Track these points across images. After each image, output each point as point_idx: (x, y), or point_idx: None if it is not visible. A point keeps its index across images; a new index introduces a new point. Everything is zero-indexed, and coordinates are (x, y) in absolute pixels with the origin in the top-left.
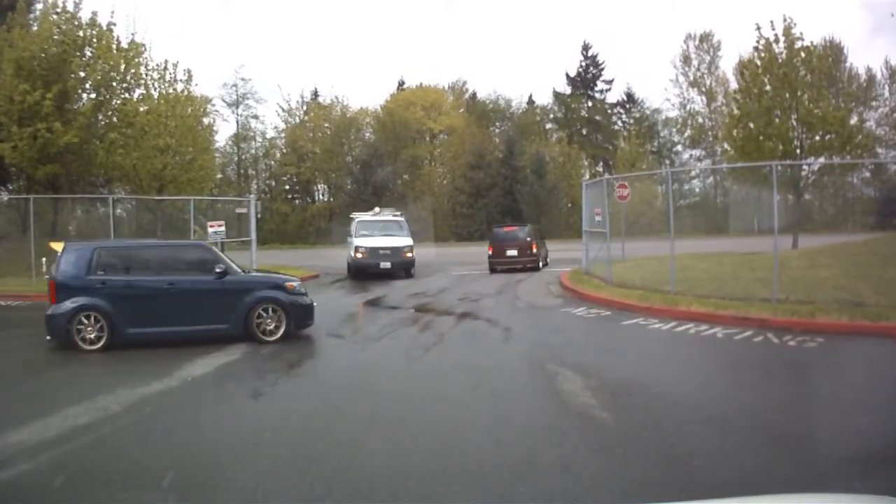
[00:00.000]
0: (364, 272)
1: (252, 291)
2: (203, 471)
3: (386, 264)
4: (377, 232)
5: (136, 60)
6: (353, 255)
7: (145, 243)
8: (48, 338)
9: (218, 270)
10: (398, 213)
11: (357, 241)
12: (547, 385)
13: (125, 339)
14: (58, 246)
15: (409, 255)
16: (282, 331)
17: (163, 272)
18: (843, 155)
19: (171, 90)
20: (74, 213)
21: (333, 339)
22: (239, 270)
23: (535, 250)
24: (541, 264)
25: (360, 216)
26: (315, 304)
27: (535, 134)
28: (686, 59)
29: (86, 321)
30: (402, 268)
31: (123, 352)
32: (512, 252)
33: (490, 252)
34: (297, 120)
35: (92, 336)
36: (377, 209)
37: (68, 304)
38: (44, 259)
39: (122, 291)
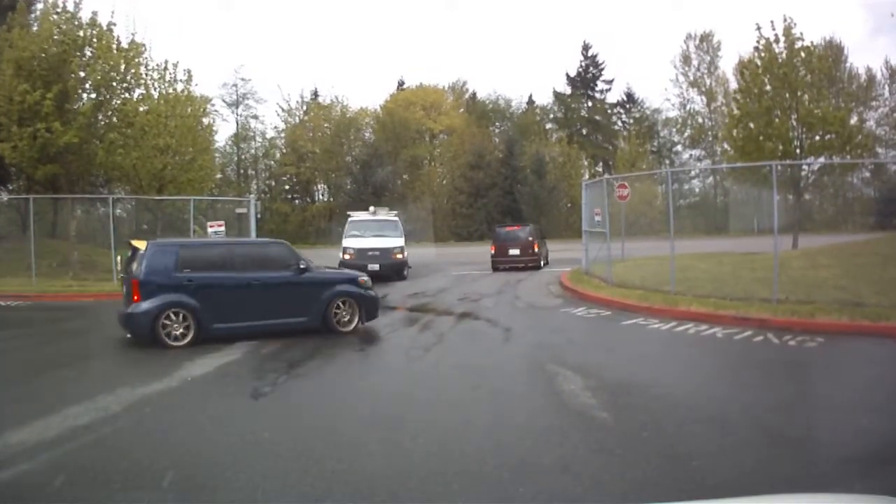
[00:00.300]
0: None
1: (330, 286)
2: (203, 471)
3: (374, 266)
4: (369, 232)
5: (136, 60)
6: (341, 256)
7: (228, 241)
8: (128, 336)
9: (302, 266)
10: (395, 212)
11: (345, 242)
12: (547, 385)
13: (211, 335)
14: (140, 244)
15: (400, 256)
16: (355, 322)
17: (246, 269)
18: (843, 155)
19: (170, 90)
20: (74, 213)
21: (334, 339)
22: (315, 267)
23: (536, 249)
24: (542, 263)
25: (355, 216)
26: (380, 297)
27: (535, 134)
28: (686, 60)
29: (172, 318)
30: (392, 270)
31: (124, 352)
32: (514, 251)
33: (493, 251)
34: (297, 120)
35: (178, 332)
36: (372, 208)
37: (154, 302)
38: (118, 257)
39: (208, 288)
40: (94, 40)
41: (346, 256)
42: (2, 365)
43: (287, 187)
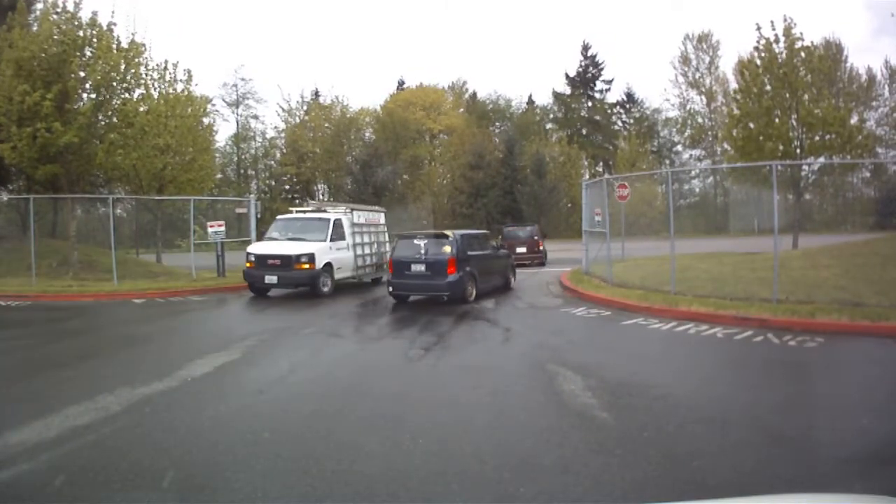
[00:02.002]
0: (256, 288)
1: (509, 258)
2: (203, 471)
3: (272, 278)
4: (289, 234)
5: (136, 60)
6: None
7: (473, 231)
8: (445, 298)
9: (500, 245)
10: (345, 208)
11: (251, 247)
12: (547, 385)
13: (479, 293)
14: (449, 233)
15: (307, 266)
16: (513, 282)
17: (482, 249)
18: (843, 155)
19: (171, 90)
20: (74, 213)
21: (334, 339)
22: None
23: (541, 248)
24: (545, 260)
25: (289, 214)
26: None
27: (535, 134)
28: (685, 60)
29: (468, 282)
30: (296, 283)
31: (124, 352)
32: (522, 249)
33: None
34: (298, 120)
35: (469, 291)
36: (311, 202)
37: (462, 273)
38: (420, 243)
39: (478, 261)
40: (94, 40)
41: (247, 265)
42: (2, 365)
43: (287, 187)
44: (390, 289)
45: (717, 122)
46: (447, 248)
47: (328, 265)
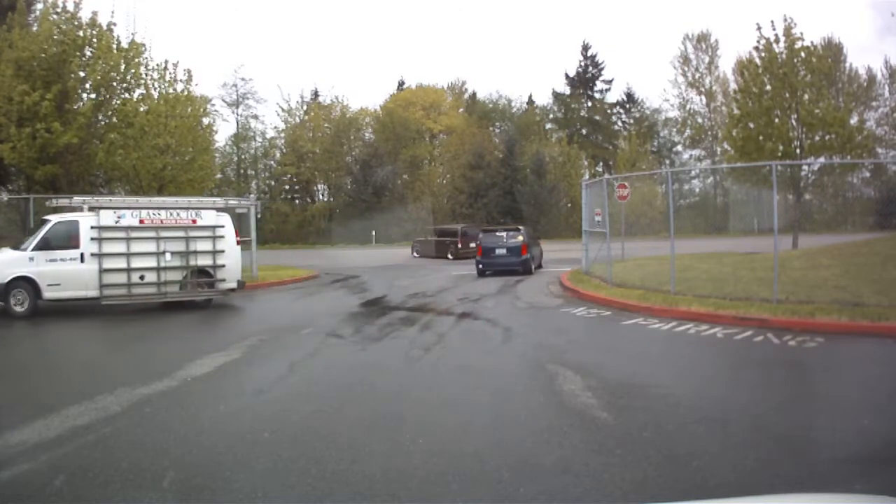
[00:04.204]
0: None
1: (539, 246)
2: (203, 471)
3: None
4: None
5: (136, 60)
6: None
7: (527, 227)
8: (520, 270)
9: (537, 239)
10: (89, 212)
11: None
12: (547, 385)
13: (535, 268)
14: (519, 226)
15: None
16: (542, 262)
17: (532, 237)
18: (843, 155)
19: (170, 90)
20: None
21: (334, 339)
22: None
23: None
24: None
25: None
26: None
27: (535, 134)
28: (685, 60)
29: (531, 261)
30: None
31: (124, 351)
32: None
33: None
34: (297, 120)
35: (531, 267)
36: (74, 199)
37: (528, 254)
38: (502, 234)
39: (533, 247)
40: (94, 40)
41: None
42: (1, 365)
43: (287, 187)
44: (479, 266)
45: (717, 122)
46: (520, 237)
47: (22, 280)
